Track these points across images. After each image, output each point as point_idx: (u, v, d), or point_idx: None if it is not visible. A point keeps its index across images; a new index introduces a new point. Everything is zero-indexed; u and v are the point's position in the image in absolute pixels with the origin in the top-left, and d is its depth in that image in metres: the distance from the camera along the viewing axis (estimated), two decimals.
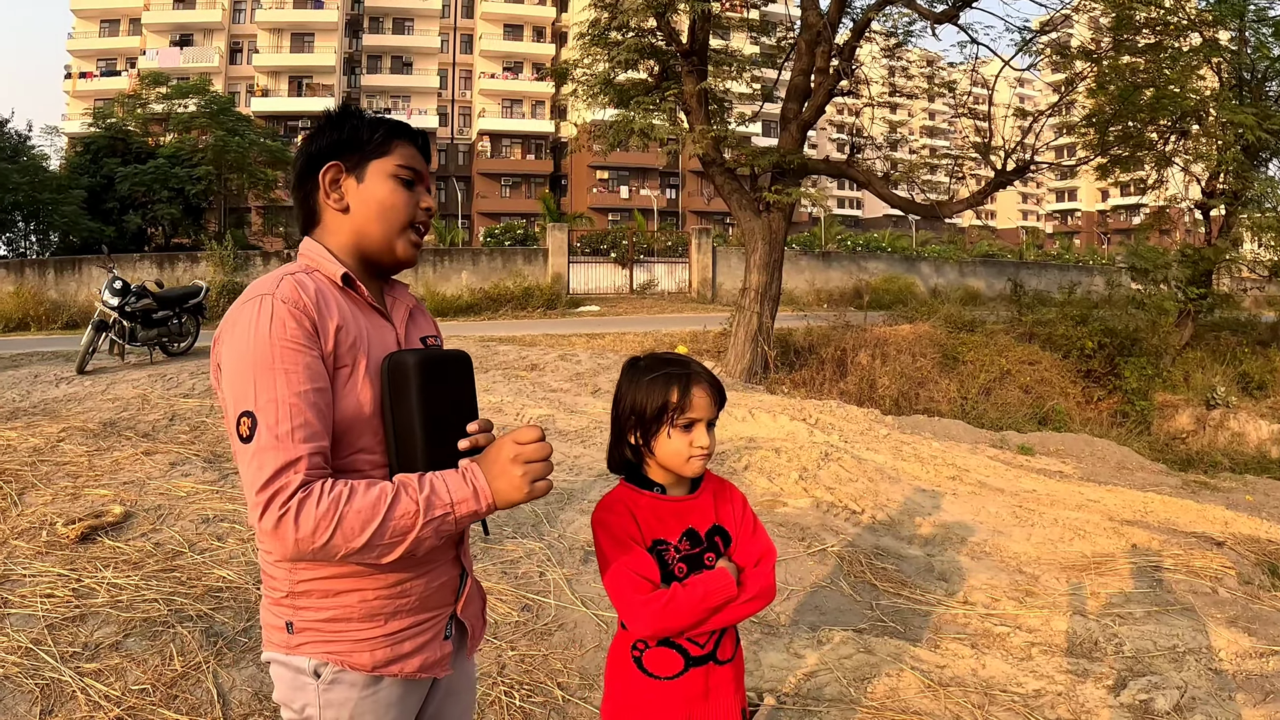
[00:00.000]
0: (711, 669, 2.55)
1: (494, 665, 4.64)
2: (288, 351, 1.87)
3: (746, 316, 17.00)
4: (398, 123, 2.23)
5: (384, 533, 1.82)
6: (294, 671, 2.07)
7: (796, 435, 10.32)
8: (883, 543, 7.07)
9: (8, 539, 6.32)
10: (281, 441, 1.81)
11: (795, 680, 4.53)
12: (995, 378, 18.45)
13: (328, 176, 2.13)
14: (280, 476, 1.78)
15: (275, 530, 1.77)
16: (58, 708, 4.18)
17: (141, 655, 4.63)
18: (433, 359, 2.04)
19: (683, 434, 2.48)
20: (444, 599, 2.19)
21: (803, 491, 8.17)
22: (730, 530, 2.59)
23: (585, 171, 73.04)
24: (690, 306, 31.35)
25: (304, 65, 69.61)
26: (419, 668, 2.12)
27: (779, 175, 16.69)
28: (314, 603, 2.03)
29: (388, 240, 2.16)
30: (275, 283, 1.96)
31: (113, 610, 5.14)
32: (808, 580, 6.16)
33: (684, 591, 2.40)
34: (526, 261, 33.88)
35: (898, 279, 35.63)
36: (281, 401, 1.83)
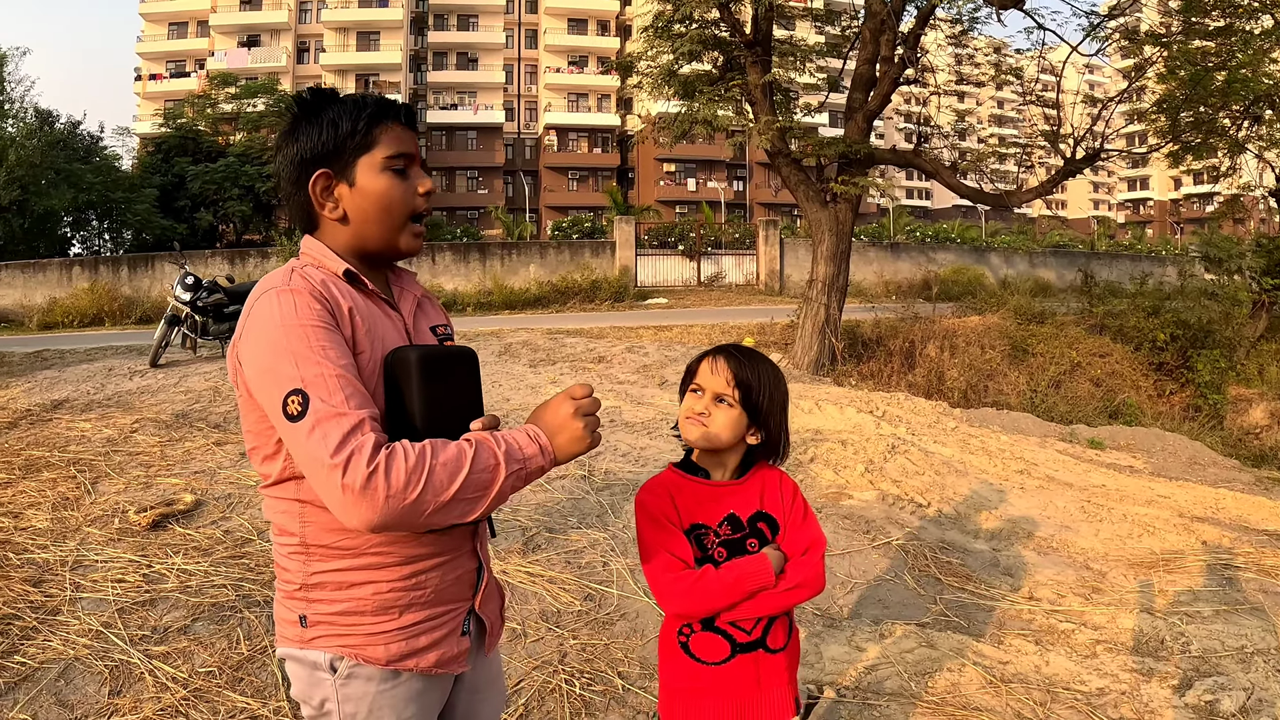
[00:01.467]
0: (762, 657, 2.54)
1: (555, 654, 4.64)
2: (319, 331, 1.87)
3: (813, 308, 16.91)
4: (380, 101, 2.15)
5: (470, 485, 1.82)
6: (309, 667, 2.06)
7: (863, 427, 10.25)
8: (948, 536, 7.01)
9: (81, 526, 6.53)
10: (339, 409, 1.78)
11: (855, 673, 4.50)
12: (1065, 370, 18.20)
13: (318, 188, 2.10)
14: (351, 438, 1.75)
15: (365, 490, 1.72)
16: (126, 689, 4.27)
17: (209, 639, 4.74)
18: (435, 355, 2.03)
19: (692, 397, 2.55)
20: (461, 593, 2.18)
21: (869, 484, 8.12)
22: (778, 518, 2.58)
23: (652, 164, 73.00)
24: (758, 298, 31.26)
25: (370, 63, 70.17)
26: (435, 663, 2.11)
27: (845, 165, 16.58)
28: (327, 595, 2.03)
29: (390, 239, 2.14)
30: (285, 277, 1.97)
31: (182, 595, 5.27)
32: (871, 573, 6.12)
33: (715, 573, 2.41)
34: (594, 254, 33.95)
35: (967, 270, 35.24)
36: (328, 375, 1.81)
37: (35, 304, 30.34)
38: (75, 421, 9.98)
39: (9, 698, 4.21)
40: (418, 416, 1.95)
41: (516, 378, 12.98)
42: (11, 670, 4.43)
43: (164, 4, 71.61)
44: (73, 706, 4.14)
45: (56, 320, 28.47)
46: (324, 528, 2.00)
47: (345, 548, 2.00)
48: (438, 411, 1.97)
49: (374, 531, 1.81)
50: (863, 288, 32.12)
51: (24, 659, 4.55)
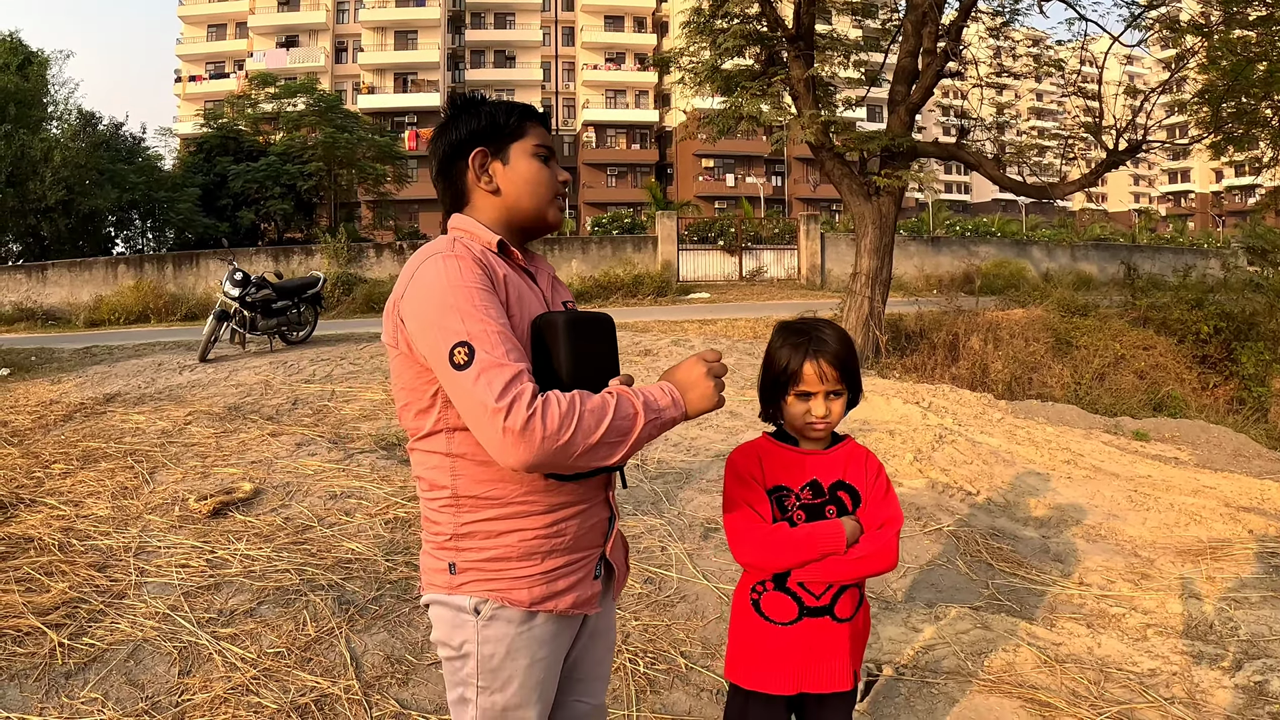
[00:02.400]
0: (828, 624, 2.67)
1: (619, 634, 4.72)
2: (481, 292, 2.08)
3: (858, 301, 16.88)
4: (527, 106, 2.48)
5: (613, 430, 2.02)
6: (455, 610, 2.25)
7: (910, 418, 10.32)
8: (998, 523, 7.09)
9: (141, 514, 6.77)
10: (501, 360, 1.97)
11: (913, 652, 4.60)
12: (1109, 363, 18.08)
13: (476, 162, 2.37)
14: (514, 385, 1.95)
15: (524, 431, 1.91)
16: (195, 669, 4.43)
17: (275, 621, 4.90)
18: (580, 318, 2.23)
19: (799, 401, 2.64)
20: (595, 540, 2.37)
21: (918, 473, 8.20)
22: (860, 490, 2.69)
23: (691, 160, 72.94)
24: (800, 292, 31.17)
25: (408, 62, 70.62)
26: (572, 604, 2.29)
27: (888, 159, 16.55)
28: (477, 544, 2.22)
29: (540, 211, 2.41)
30: (449, 244, 2.20)
31: (245, 579, 5.45)
32: (924, 558, 6.22)
33: (789, 531, 2.57)
34: (636, 249, 33.97)
35: (1008, 264, 34.97)
36: (490, 331, 2.01)
37: (82, 302, 30.56)
38: (129, 414, 10.32)
39: (79, 678, 4.35)
40: (564, 371, 2.14)
41: None
42: (81, 651, 4.58)
43: (203, 6, 72.36)
44: (143, 686, 4.28)
45: (103, 318, 28.65)
46: (474, 479, 2.20)
47: (494, 498, 2.20)
48: (582, 367, 2.16)
49: (529, 471, 1.99)
50: (904, 282, 31.97)
51: (93, 640, 4.70)
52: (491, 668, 2.24)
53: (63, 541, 6.20)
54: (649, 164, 76.67)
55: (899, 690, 4.25)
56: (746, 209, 45.10)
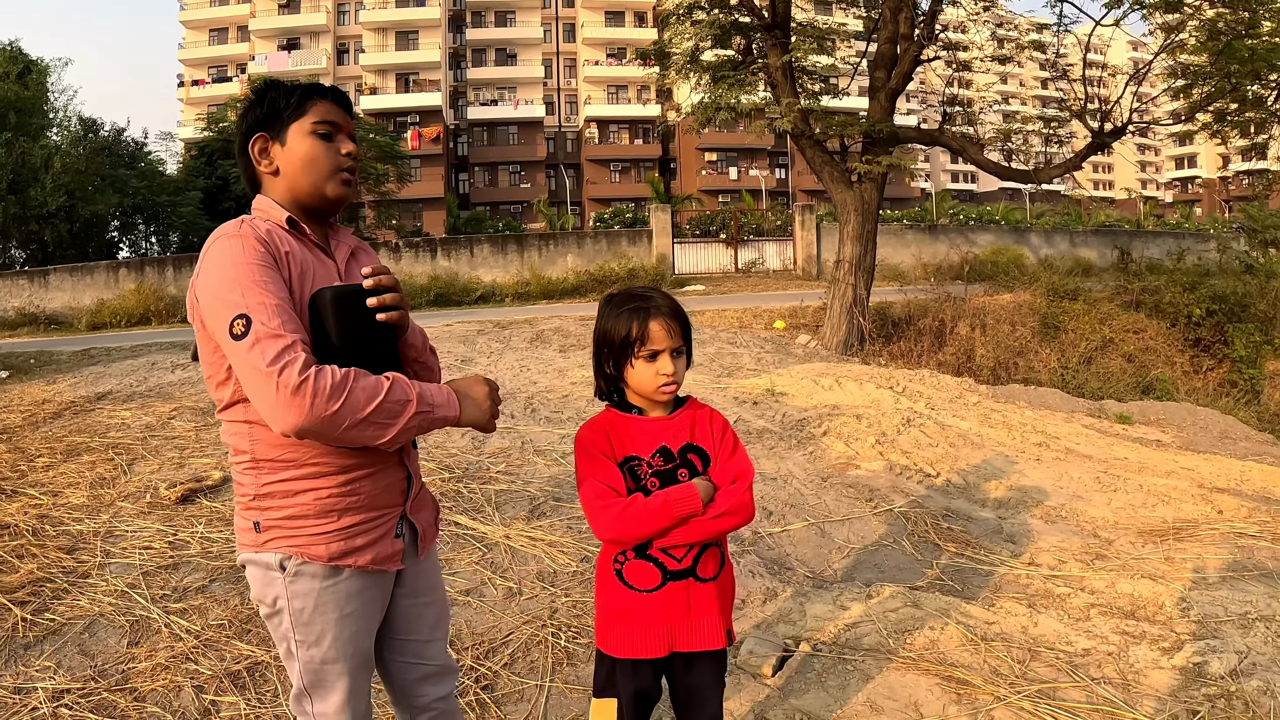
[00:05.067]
0: (692, 585, 2.70)
1: (547, 610, 4.86)
2: (263, 269, 2.20)
3: (841, 289, 16.84)
4: (311, 85, 2.54)
5: (383, 411, 2.16)
6: (264, 568, 2.36)
7: (881, 402, 10.19)
8: (954, 505, 6.98)
9: (114, 501, 6.95)
10: (276, 331, 2.09)
11: (835, 630, 4.52)
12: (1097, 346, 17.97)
13: (255, 147, 2.48)
14: (287, 353, 2.06)
15: (295, 395, 2.03)
16: (144, 640, 4.65)
17: (224, 597, 5.11)
18: (348, 292, 2.31)
19: (648, 364, 2.67)
20: (392, 499, 2.49)
21: (878, 455, 8.08)
22: (709, 450, 2.74)
23: (694, 154, 72.92)
24: (794, 283, 31.18)
25: (410, 62, 70.68)
26: (371, 560, 2.42)
27: (870, 145, 16.48)
28: (276, 503, 2.33)
29: (317, 187, 2.47)
30: (236, 226, 2.31)
31: (203, 559, 5.67)
32: (869, 539, 6.15)
33: (644, 500, 2.58)
34: (631, 243, 34.01)
35: (1006, 250, 34.79)
36: (268, 304, 2.13)
37: (84, 305, 31.07)
38: (116, 411, 10.55)
39: (36, 649, 4.60)
40: (334, 339, 2.24)
41: (545, 362, 13.11)
42: (41, 626, 4.83)
43: (204, 11, 72.54)
44: (94, 656, 4.52)
45: (104, 320, 29.14)
46: (270, 444, 2.30)
47: (288, 460, 2.31)
48: (353, 339, 2.27)
49: (299, 436, 2.11)
50: (900, 270, 31.90)
51: (53, 616, 4.95)
52: (304, 621, 2.36)
53: (36, 527, 6.41)
54: (652, 159, 76.60)
55: (812, 666, 4.17)
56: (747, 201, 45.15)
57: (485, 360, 13.44)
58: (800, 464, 7.79)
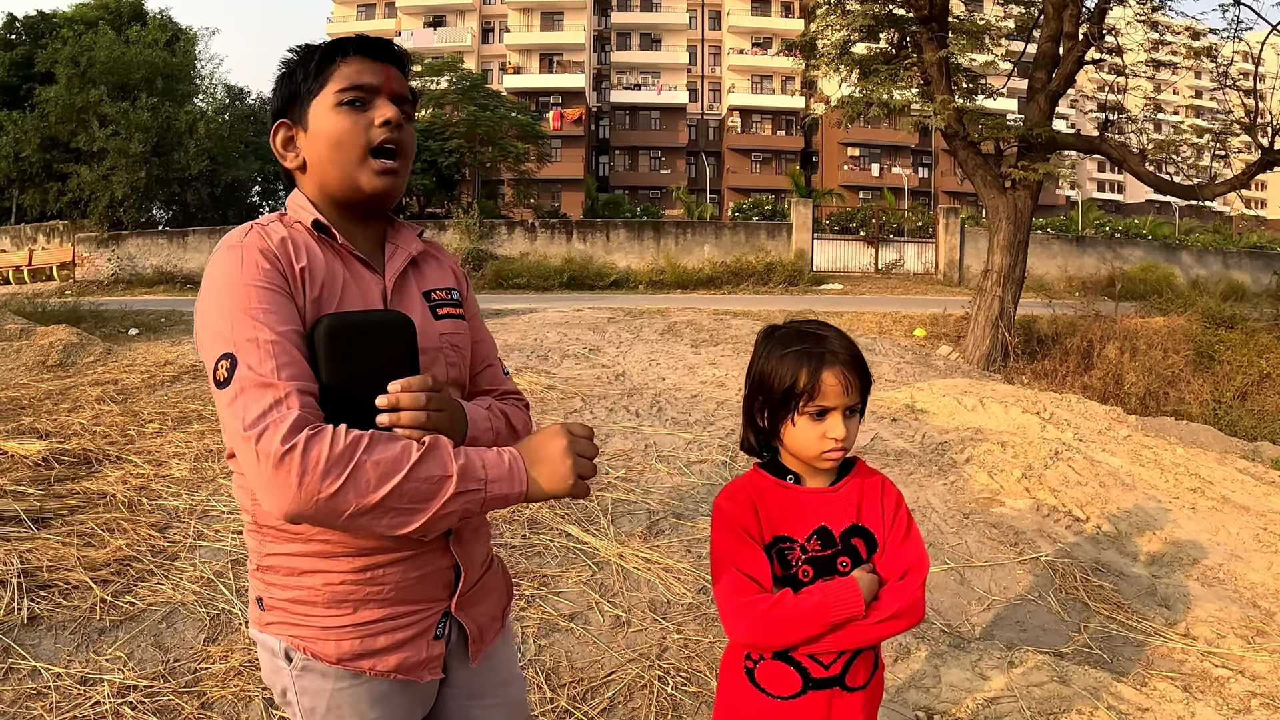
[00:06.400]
0: (837, 695, 2.20)
1: (656, 647, 4.41)
2: (263, 292, 1.70)
3: (987, 300, 16.19)
4: (334, 42, 1.94)
5: (404, 493, 1.60)
6: (269, 652, 1.90)
7: (1027, 429, 9.59)
8: (1104, 556, 6.38)
9: (215, 477, 6.76)
10: (266, 378, 1.61)
11: (973, 705, 4.02)
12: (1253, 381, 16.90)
13: (278, 138, 1.97)
14: (271, 412, 1.57)
15: (277, 470, 1.53)
16: (221, 638, 4.42)
17: None
18: (347, 325, 1.77)
19: (813, 423, 2.14)
20: (430, 593, 1.92)
21: (1024, 491, 7.50)
22: (876, 533, 2.22)
23: (836, 148, 72.07)
24: (935, 288, 30.48)
25: (554, 43, 71.23)
26: (395, 667, 1.87)
27: (1025, 150, 15.77)
28: (279, 580, 1.86)
29: (348, 178, 1.90)
30: (242, 234, 1.82)
31: None
32: (1013, 590, 5.58)
33: (793, 600, 2.08)
34: (770, 236, 33.64)
35: (1156, 268, 33.42)
36: (261, 341, 1.65)
37: None
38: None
39: (111, 635, 4.40)
40: (327, 390, 1.71)
41: (676, 357, 12.70)
42: (120, 610, 4.62)
43: None
44: (168, 649, 4.30)
45: None
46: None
47: (294, 532, 1.81)
48: (350, 389, 1.73)
49: (292, 522, 1.62)
50: (1044, 282, 30.88)
51: (134, 599, 4.75)
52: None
53: (133, 500, 6.25)
54: (794, 151, 75.90)
55: None
56: (889, 200, 44.37)
57: (614, 350, 13.05)
58: (940, 495, 7.26)
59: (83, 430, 8.28)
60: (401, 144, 1.94)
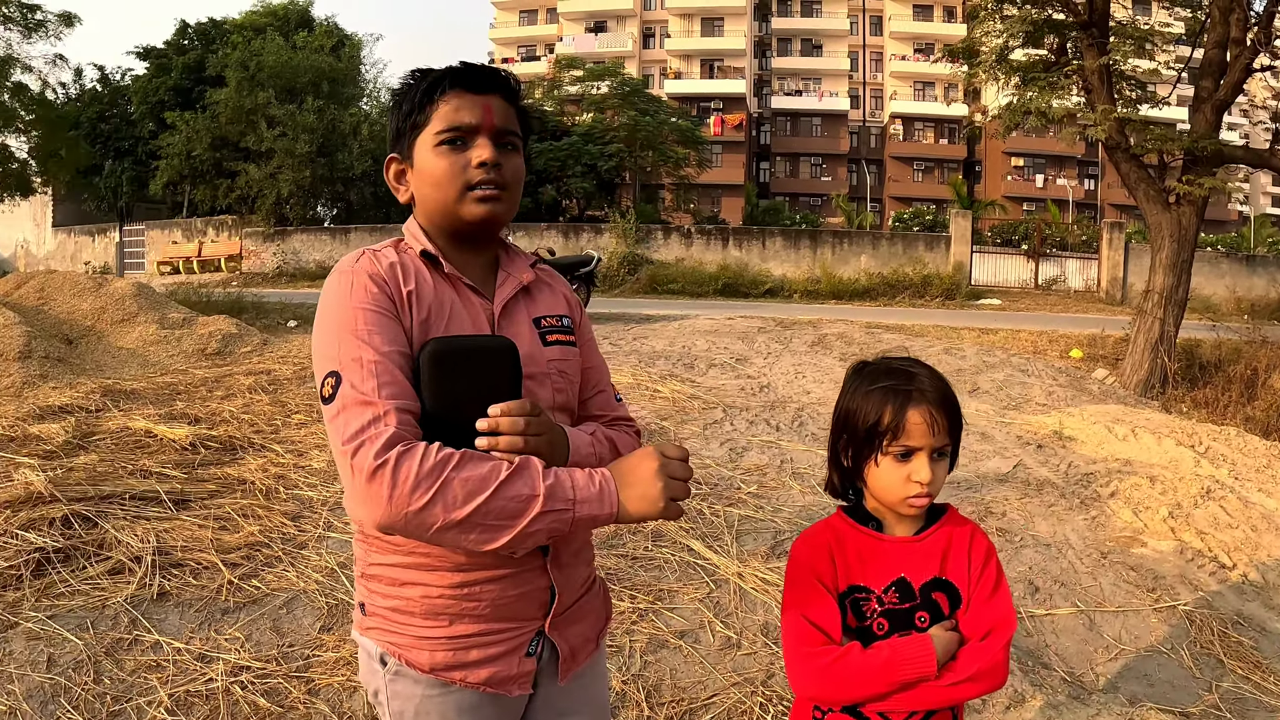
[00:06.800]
0: None
1: (763, 671, 4.29)
2: (370, 314, 1.79)
3: (1147, 322, 15.40)
4: (434, 79, 1.97)
5: (490, 511, 1.65)
6: (367, 655, 1.98)
7: (1179, 464, 9.01)
8: (1247, 609, 5.87)
9: None
10: (367, 396, 1.69)
11: None
12: None
13: (390, 172, 2.06)
14: (369, 429, 1.65)
15: (370, 483, 1.61)
16: (336, 627, 4.56)
17: None
18: (449, 350, 1.82)
19: (898, 464, 2.02)
20: (526, 611, 1.97)
21: (1169, 531, 6.99)
22: (961, 588, 2.07)
23: (999, 158, 70.76)
24: (1096, 307, 29.47)
25: (714, 49, 71.77)
26: (485, 680, 1.92)
27: (1191, 163, 14.97)
28: (381, 589, 1.93)
29: (450, 211, 1.96)
30: (354, 259, 1.91)
31: None
32: (1144, 640, 5.14)
33: (861, 654, 1.96)
34: (928, 248, 33.13)
35: None
36: (365, 361, 1.73)
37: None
38: None
39: (233, 616, 4.62)
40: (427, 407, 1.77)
41: (823, 370, 12.57)
42: (245, 593, 4.86)
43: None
44: (284, 634, 4.48)
45: None
46: None
47: (396, 543, 1.88)
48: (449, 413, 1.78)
49: (383, 532, 1.75)
50: (1210, 303, 29.50)
51: (259, 584, 4.98)
52: None
53: (271, 488, 6.53)
54: (956, 160, 74.84)
55: None
56: (1053, 213, 43.16)
57: (761, 361, 12.99)
58: (1079, 530, 6.83)
59: (231, 418, 8.69)
60: (502, 181, 1.96)
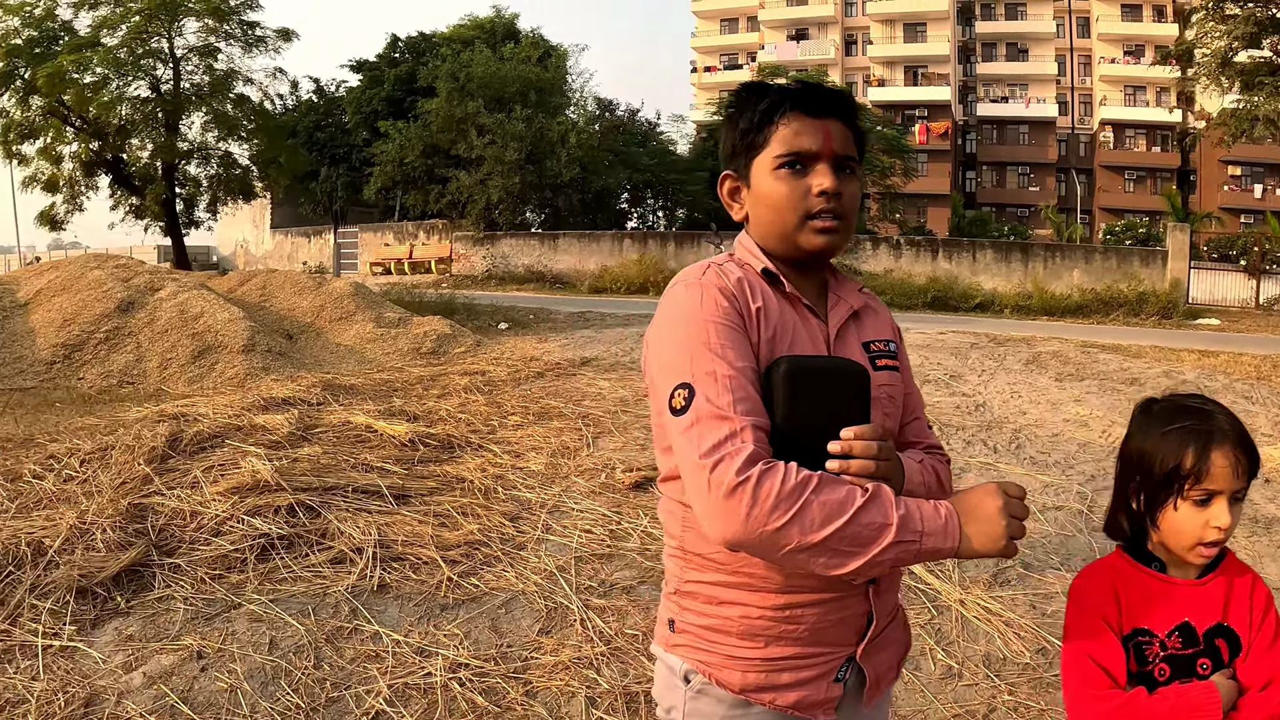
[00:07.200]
0: None
1: (983, 705, 4.22)
2: (721, 329, 1.79)
3: None
4: (774, 100, 1.98)
5: (845, 536, 1.65)
6: (668, 670, 2.00)
7: None
8: None
9: (570, 474, 7.15)
10: (723, 410, 1.69)
11: None
12: None
13: (725, 188, 2.08)
14: (726, 444, 1.66)
15: (728, 499, 1.63)
16: (555, 630, 4.62)
17: (646, 604, 4.90)
18: (807, 369, 1.83)
19: (1196, 509, 1.96)
20: (842, 637, 1.95)
21: None
22: (1241, 636, 2.01)
23: (1215, 167, 66.53)
24: None
25: (917, 55, 70.35)
26: (794, 703, 1.92)
27: None
28: (696, 606, 1.94)
29: (787, 237, 1.96)
30: (700, 271, 1.92)
31: (638, 557, 5.55)
32: None
33: (1146, 701, 1.93)
34: (1143, 263, 31.61)
35: None
36: (719, 375, 1.73)
37: (588, 270, 34.12)
38: (596, 379, 11.13)
39: (453, 612, 4.79)
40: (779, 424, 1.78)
41: (1039, 390, 12.18)
42: (464, 590, 5.03)
43: (715, 2, 76.53)
44: (503, 634, 4.59)
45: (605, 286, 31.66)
46: (701, 535, 1.87)
47: (719, 562, 1.89)
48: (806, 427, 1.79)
49: (731, 548, 1.74)
50: None
51: (478, 582, 5.13)
52: None
53: (489, 488, 6.72)
54: (1169, 169, 70.68)
55: None
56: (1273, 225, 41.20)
57: (975, 379, 12.70)
58: None
59: (448, 416, 8.92)
60: (841, 211, 1.95)
